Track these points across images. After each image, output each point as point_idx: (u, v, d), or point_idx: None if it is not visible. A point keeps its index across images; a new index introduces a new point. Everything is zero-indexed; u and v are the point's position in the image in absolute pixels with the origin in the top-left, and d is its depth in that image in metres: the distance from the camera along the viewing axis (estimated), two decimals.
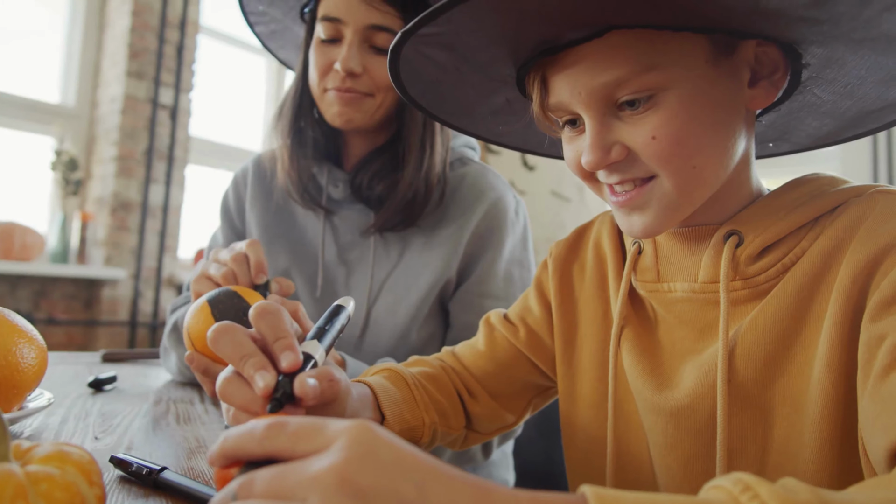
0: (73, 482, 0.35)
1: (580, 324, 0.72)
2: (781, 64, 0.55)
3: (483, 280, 0.99)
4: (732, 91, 0.54)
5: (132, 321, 2.64)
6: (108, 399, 0.86)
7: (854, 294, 0.50)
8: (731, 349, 0.56)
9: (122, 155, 2.65)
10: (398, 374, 0.68)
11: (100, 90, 2.81)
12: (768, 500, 0.30)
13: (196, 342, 0.74)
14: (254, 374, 0.45)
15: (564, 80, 0.54)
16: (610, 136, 0.54)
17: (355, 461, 0.30)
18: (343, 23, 0.94)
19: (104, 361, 1.21)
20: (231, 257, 0.82)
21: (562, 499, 0.32)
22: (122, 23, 2.72)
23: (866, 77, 0.54)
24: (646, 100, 0.52)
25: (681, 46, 0.51)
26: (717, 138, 0.53)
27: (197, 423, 0.75)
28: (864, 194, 0.54)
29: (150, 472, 0.51)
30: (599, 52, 0.51)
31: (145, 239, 2.70)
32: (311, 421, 0.34)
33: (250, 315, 0.50)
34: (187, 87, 2.86)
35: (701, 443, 0.58)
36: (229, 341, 0.48)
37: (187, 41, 2.86)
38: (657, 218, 0.55)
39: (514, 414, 0.76)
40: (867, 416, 0.45)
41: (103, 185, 2.68)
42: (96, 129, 2.78)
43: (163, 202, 2.76)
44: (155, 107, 2.73)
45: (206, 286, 0.83)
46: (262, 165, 1.12)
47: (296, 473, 0.31)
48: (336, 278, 1.04)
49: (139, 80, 2.70)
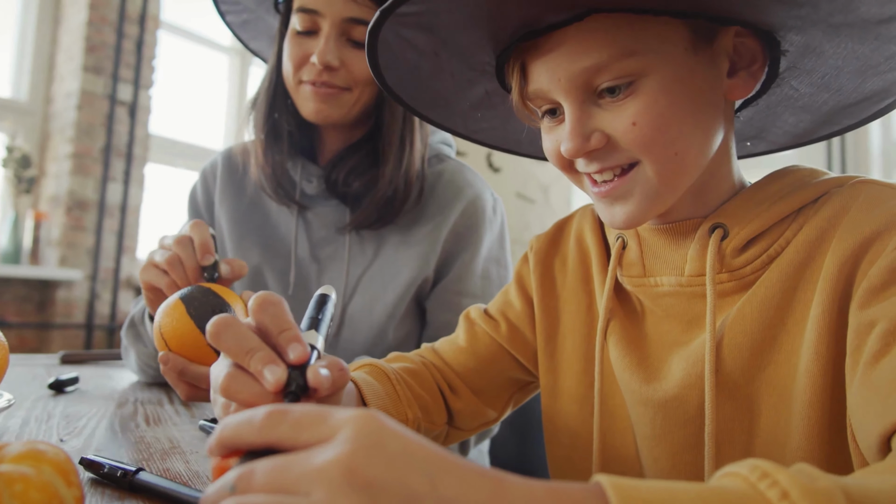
0: (49, 482, 0.33)
1: (562, 317, 0.71)
2: (759, 55, 0.55)
3: (461, 278, 0.98)
4: (711, 79, 0.54)
5: (88, 323, 2.55)
6: (70, 401, 0.82)
7: (840, 282, 0.50)
8: (719, 340, 0.56)
9: (79, 152, 2.57)
10: (380, 370, 0.66)
11: (55, 85, 2.72)
12: (789, 487, 0.30)
13: (170, 341, 0.70)
14: (262, 368, 0.43)
15: (544, 66, 0.54)
16: (590, 124, 0.53)
17: (362, 452, 0.29)
18: (320, 15, 0.91)
19: (63, 363, 1.16)
20: (174, 241, 0.78)
21: (577, 488, 0.31)
22: (79, 16, 2.64)
23: (843, 67, 0.55)
24: (626, 86, 0.51)
25: (660, 32, 0.51)
26: (698, 125, 0.53)
27: (168, 424, 0.72)
28: (846, 185, 0.55)
29: (125, 473, 0.49)
30: (579, 37, 0.51)
31: (102, 239, 2.61)
32: (314, 409, 0.32)
33: (250, 307, 0.47)
34: (147, 83, 2.79)
35: (689, 433, 0.58)
36: (232, 335, 0.45)
37: (147, 36, 2.79)
38: (639, 207, 0.55)
39: (496, 410, 0.75)
40: (857, 403, 0.46)
41: (58, 183, 2.59)
42: (51, 125, 2.69)
43: (121, 201, 2.68)
44: (113, 103, 2.66)
45: (152, 274, 0.79)
46: (233, 159, 1.09)
47: (299, 465, 0.29)
48: (309, 275, 1.01)
49: (96, 76, 2.62)
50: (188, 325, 0.71)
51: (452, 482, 0.29)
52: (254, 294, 0.77)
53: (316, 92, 0.93)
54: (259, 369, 0.43)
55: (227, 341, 0.45)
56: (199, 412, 0.80)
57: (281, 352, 0.44)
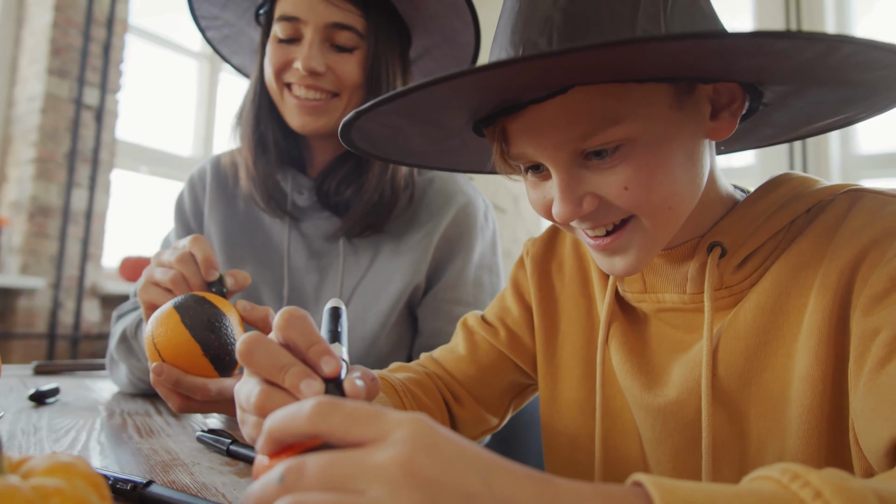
0: (84, 496, 0.32)
1: (562, 322, 0.71)
2: (739, 94, 0.55)
3: (453, 286, 0.98)
4: (695, 128, 0.54)
5: (51, 333, 2.48)
6: (53, 413, 0.79)
7: (840, 289, 0.51)
8: (715, 346, 0.57)
9: (42, 157, 2.49)
10: (387, 382, 0.66)
11: (17, 88, 2.64)
12: (821, 486, 0.30)
13: (164, 351, 0.69)
14: (298, 384, 0.42)
15: (527, 135, 0.53)
16: (579, 188, 0.53)
17: (421, 452, 0.29)
18: (302, 22, 0.91)
19: (37, 374, 1.13)
20: (176, 259, 0.76)
21: (620, 489, 0.32)
22: (44, 18, 2.57)
23: (824, 100, 0.56)
24: (612, 151, 0.51)
25: (644, 96, 0.50)
26: (687, 175, 0.54)
27: (162, 436, 0.70)
28: (837, 195, 0.56)
29: (134, 486, 0.47)
30: (562, 109, 0.50)
31: (66, 246, 2.54)
32: (366, 405, 0.32)
33: (275, 323, 0.46)
34: (114, 87, 2.73)
35: (688, 437, 0.59)
36: (263, 352, 0.43)
37: (115, 40, 2.73)
38: (638, 257, 0.55)
39: (497, 416, 0.75)
40: (864, 408, 0.47)
41: (20, 188, 2.51)
42: (12, 129, 2.61)
43: (86, 208, 2.61)
44: (79, 107, 2.59)
45: (154, 294, 0.77)
46: (222, 168, 1.07)
47: (355, 462, 0.29)
48: (304, 286, 1.00)
49: (61, 79, 2.56)
50: (183, 334, 0.70)
51: (506, 482, 0.30)
52: (247, 304, 0.76)
53: (301, 105, 0.93)
54: (295, 384, 0.42)
55: (259, 359, 0.44)
56: (189, 423, 0.79)
57: (313, 366, 0.43)
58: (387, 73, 0.95)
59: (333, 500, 0.28)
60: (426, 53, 1.06)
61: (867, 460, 0.48)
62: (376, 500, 0.28)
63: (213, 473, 0.56)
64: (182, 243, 0.78)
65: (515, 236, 3.74)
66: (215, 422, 0.81)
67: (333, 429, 0.32)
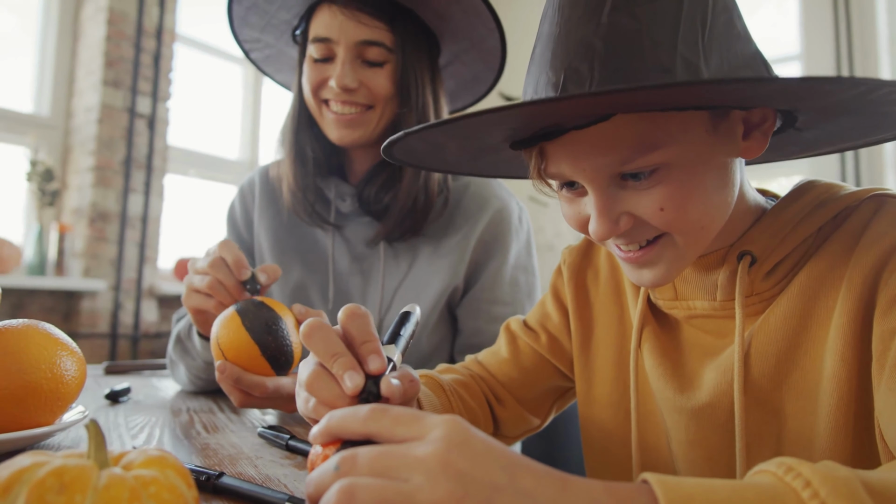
0: (175, 485, 0.37)
1: (596, 328, 0.75)
2: (771, 114, 0.56)
3: (490, 286, 1.03)
4: (729, 149, 0.55)
5: (113, 333, 2.61)
6: (128, 410, 0.87)
7: (865, 292, 0.54)
8: (746, 350, 0.59)
9: (100, 165, 2.62)
10: (436, 382, 0.71)
11: (75, 99, 2.78)
12: (811, 477, 0.34)
13: (227, 352, 0.75)
14: (343, 373, 0.48)
15: (565, 156, 0.54)
16: (616, 207, 0.54)
17: (455, 448, 0.34)
18: (334, 42, 0.97)
19: (108, 374, 1.21)
20: (209, 265, 0.82)
21: (628, 486, 0.36)
22: (97, 31, 2.70)
23: (855, 126, 0.57)
24: (649, 173, 0.52)
25: (682, 122, 0.51)
26: (720, 196, 0.55)
27: (226, 431, 0.77)
28: (863, 200, 0.58)
29: (208, 477, 0.53)
30: (602, 135, 0.51)
31: (125, 250, 2.67)
32: (410, 410, 0.38)
33: (340, 316, 0.52)
34: (164, 95, 2.85)
35: (722, 438, 0.61)
36: (321, 338, 0.50)
37: (164, 50, 2.84)
38: (668, 271, 0.57)
39: (539, 417, 0.79)
40: (885, 405, 0.50)
41: (80, 195, 2.65)
42: (72, 138, 2.75)
43: (142, 212, 2.73)
44: (132, 116, 2.71)
45: (196, 300, 0.84)
46: (270, 178, 1.14)
47: (400, 454, 0.34)
48: (349, 289, 1.06)
49: (115, 90, 2.68)
50: (244, 336, 0.77)
51: (527, 477, 0.34)
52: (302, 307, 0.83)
53: (338, 119, 0.99)
54: (340, 373, 0.49)
55: (316, 343, 0.51)
56: (249, 420, 0.85)
57: (362, 360, 0.50)
58: (416, 83, 1.00)
59: (382, 484, 0.33)
60: (455, 59, 1.10)
61: (894, 456, 0.51)
62: (418, 487, 0.33)
63: (275, 466, 0.62)
64: (212, 248, 0.85)
65: (558, 230, 3.75)
66: (272, 418, 0.87)
67: (382, 429, 0.37)
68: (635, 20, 0.49)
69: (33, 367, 0.60)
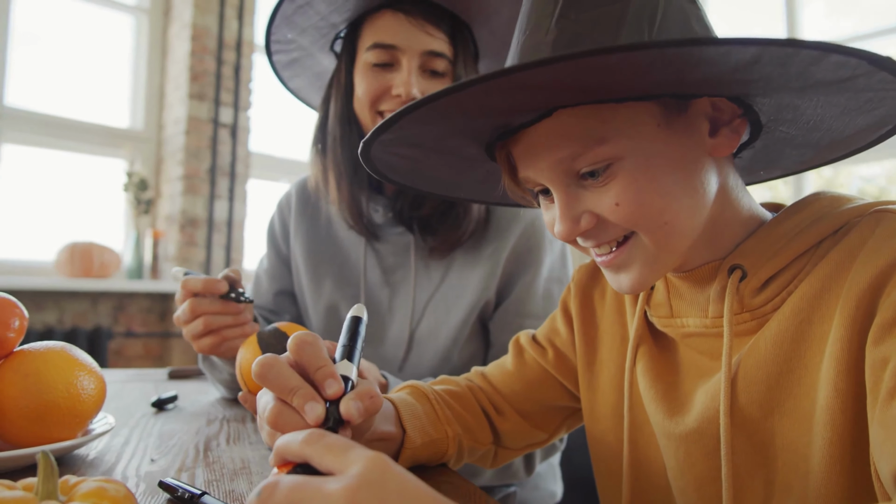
0: None
1: (600, 348, 0.73)
2: (737, 111, 0.55)
3: (522, 300, 1.01)
4: (691, 145, 0.54)
5: None
6: (168, 419, 0.92)
7: (859, 317, 0.49)
8: (734, 375, 0.56)
9: (188, 173, 2.79)
10: (420, 390, 0.71)
11: (165, 113, 2.96)
12: None
13: (247, 378, 0.80)
14: (303, 404, 0.49)
15: (525, 158, 0.56)
16: (578, 206, 0.55)
17: (365, 487, 0.34)
18: (399, 49, 0.96)
19: (170, 378, 1.29)
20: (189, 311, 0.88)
21: None
22: (183, 48, 2.86)
23: (824, 114, 0.54)
24: (604, 170, 0.53)
25: (629, 116, 0.52)
26: (684, 190, 0.54)
27: (244, 444, 0.80)
28: (866, 214, 0.53)
29: (191, 496, 0.56)
30: (550, 131, 0.53)
31: (212, 253, 2.83)
32: (342, 441, 0.38)
33: (289, 346, 0.54)
34: (245, 105, 2.98)
35: (711, 466, 0.58)
36: (276, 375, 0.52)
37: (243, 61, 2.98)
38: (642, 274, 0.56)
39: (546, 432, 0.78)
40: (875, 441, 0.45)
41: (172, 203, 2.83)
42: (163, 150, 2.94)
43: (227, 217, 2.88)
44: (216, 126, 2.86)
45: (201, 344, 0.90)
46: (306, 191, 1.16)
47: (314, 488, 0.35)
48: (380, 301, 1.07)
49: (200, 102, 2.84)
50: None
51: None
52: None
53: None
54: (301, 405, 0.50)
55: (272, 381, 0.52)
56: None
57: (318, 387, 0.51)
58: None
59: None
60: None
61: (888, 495, 0.46)
62: None
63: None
64: (178, 297, 0.91)
65: None
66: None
67: (312, 456, 0.39)
68: (579, 24, 0.50)
69: (51, 386, 0.65)
